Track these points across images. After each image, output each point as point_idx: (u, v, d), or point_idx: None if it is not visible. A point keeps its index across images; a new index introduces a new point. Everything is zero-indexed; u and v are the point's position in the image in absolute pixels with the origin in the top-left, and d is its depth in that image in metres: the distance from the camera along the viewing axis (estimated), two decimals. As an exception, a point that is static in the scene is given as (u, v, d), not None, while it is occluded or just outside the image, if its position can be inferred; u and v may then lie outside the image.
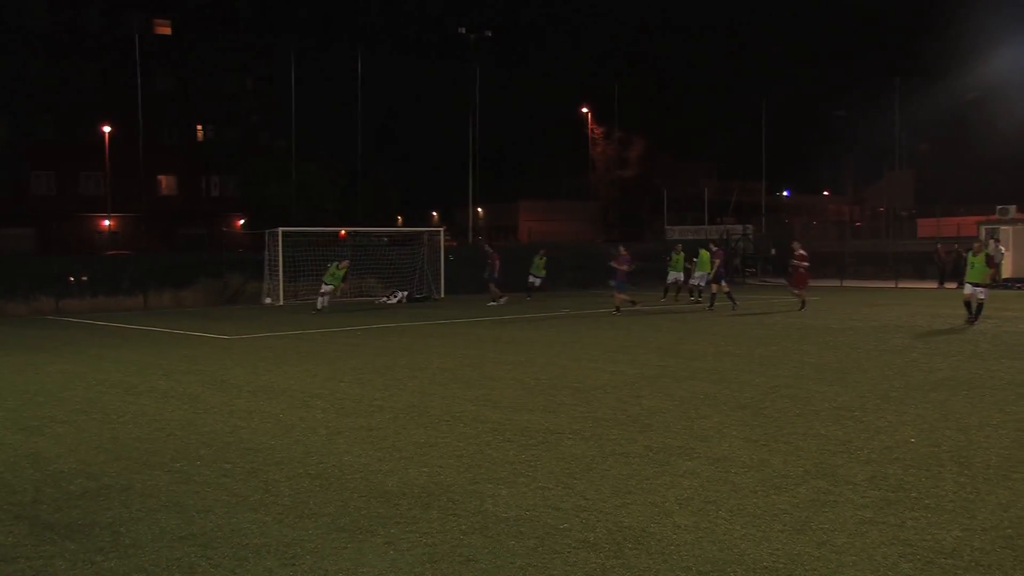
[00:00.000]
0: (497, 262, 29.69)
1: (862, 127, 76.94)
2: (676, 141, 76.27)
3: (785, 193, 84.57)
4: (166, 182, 67.88)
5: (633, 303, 25.72)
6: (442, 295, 33.38)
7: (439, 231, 36.91)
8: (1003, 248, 38.08)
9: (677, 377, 12.94)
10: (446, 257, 34.48)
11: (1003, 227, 40.32)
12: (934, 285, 38.86)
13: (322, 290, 27.20)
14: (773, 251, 48.74)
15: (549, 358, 15.38)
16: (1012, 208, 41.62)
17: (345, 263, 28.12)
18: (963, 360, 14.60)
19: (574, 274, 37.92)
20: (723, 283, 27.01)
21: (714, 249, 27.87)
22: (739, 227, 50.57)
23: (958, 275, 38.75)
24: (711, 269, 28.23)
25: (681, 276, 29.72)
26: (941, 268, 39.73)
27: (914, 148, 78.83)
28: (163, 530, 6.29)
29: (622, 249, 26.25)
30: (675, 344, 17.50)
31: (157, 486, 7.43)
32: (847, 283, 42.34)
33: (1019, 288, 36.33)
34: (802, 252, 25.89)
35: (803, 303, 25.59)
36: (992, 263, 22.03)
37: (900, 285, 39.98)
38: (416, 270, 33.78)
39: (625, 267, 25.36)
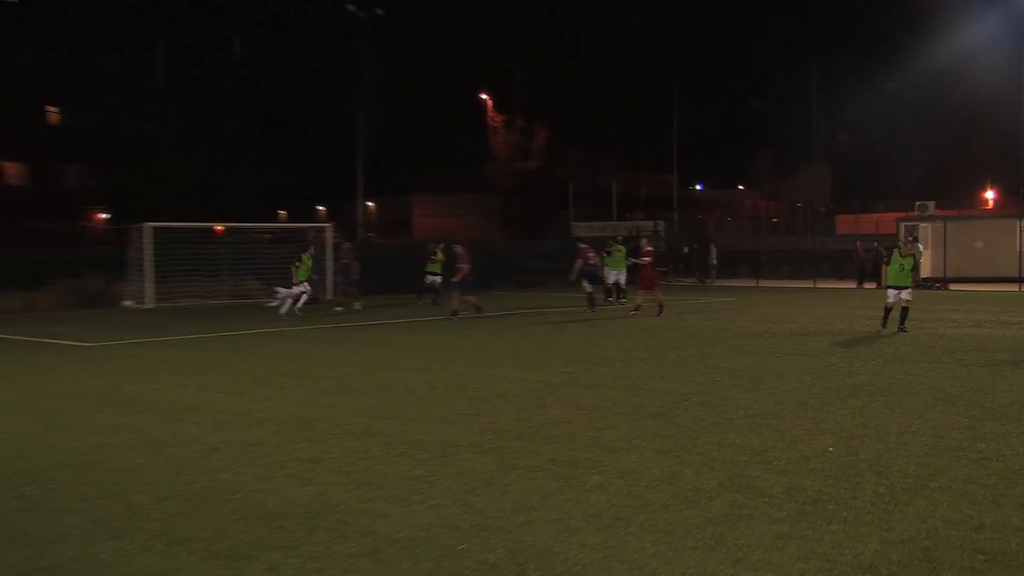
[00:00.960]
0: (356, 263, 29.15)
1: (778, 118, 78.82)
2: (582, 131, 76.85)
3: (698, 187, 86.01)
4: (13, 170, 65.52)
5: (479, 310, 24.87)
6: (330, 296, 33.05)
7: (326, 227, 36.58)
8: (922, 246, 39.44)
9: (583, 384, 13.05)
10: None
11: (922, 224, 41.75)
12: (853, 285, 40.08)
13: (294, 290, 25.81)
14: (686, 249, 49.63)
15: (446, 365, 15.38)
16: (931, 204, 43.14)
17: (311, 250, 26.93)
18: (882, 364, 15.08)
19: (474, 274, 37.92)
20: (585, 283, 27.26)
21: (581, 247, 28.07)
22: (649, 223, 51.25)
23: (877, 275, 40.00)
24: (622, 268, 28.61)
25: (623, 275, 29.60)
26: (860, 267, 41.00)
27: (832, 141, 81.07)
28: (8, 565, 6.08)
29: (459, 248, 25.42)
30: (581, 349, 17.65)
31: (2, 514, 7.19)
32: (763, 283, 43.41)
33: (939, 288, 37.72)
34: (649, 249, 25.53)
35: (637, 307, 25.14)
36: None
37: (818, 285, 41.20)
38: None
39: (467, 267, 24.45)
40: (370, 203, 67.87)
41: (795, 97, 73.93)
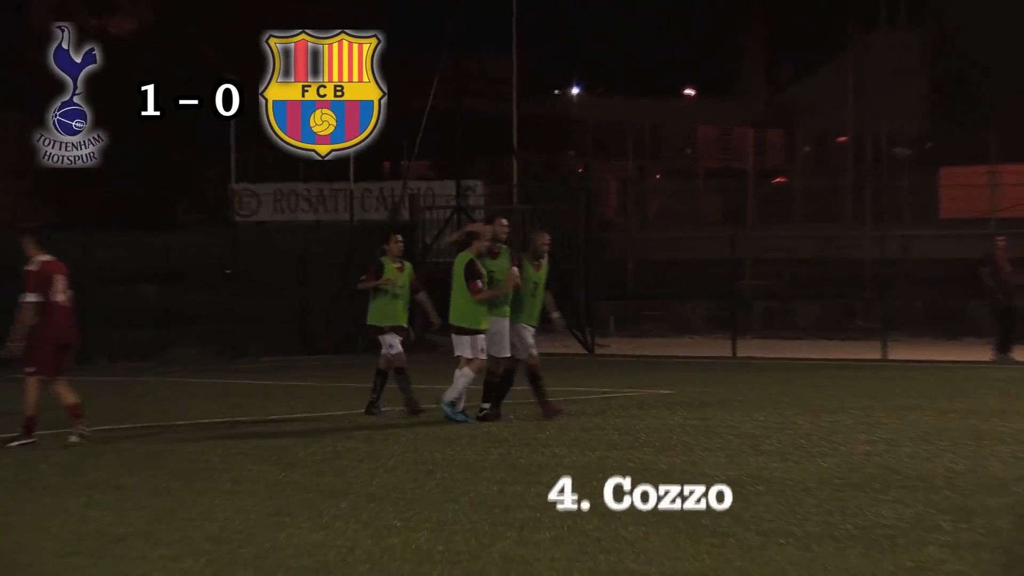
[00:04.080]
0: None
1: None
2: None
3: (574, 90, 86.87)
4: None
5: None
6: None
7: None
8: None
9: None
10: None
11: None
12: (986, 354, 41.15)
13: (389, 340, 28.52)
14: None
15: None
16: None
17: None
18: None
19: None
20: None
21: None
22: (446, 186, 52.64)
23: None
24: None
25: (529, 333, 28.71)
26: (1003, 306, 40.98)
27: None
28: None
29: None
30: (264, 528, 15.95)
31: None
32: (748, 347, 44.83)
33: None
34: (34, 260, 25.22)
35: (77, 418, 24.61)
36: None
37: (892, 355, 42.62)
38: None
39: None
40: None
41: None
